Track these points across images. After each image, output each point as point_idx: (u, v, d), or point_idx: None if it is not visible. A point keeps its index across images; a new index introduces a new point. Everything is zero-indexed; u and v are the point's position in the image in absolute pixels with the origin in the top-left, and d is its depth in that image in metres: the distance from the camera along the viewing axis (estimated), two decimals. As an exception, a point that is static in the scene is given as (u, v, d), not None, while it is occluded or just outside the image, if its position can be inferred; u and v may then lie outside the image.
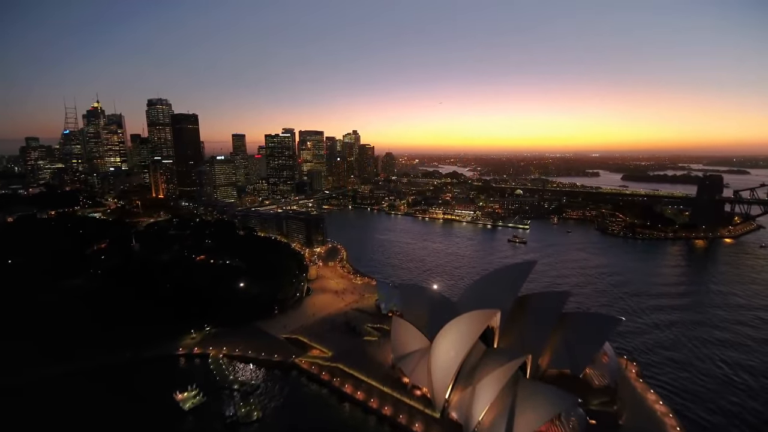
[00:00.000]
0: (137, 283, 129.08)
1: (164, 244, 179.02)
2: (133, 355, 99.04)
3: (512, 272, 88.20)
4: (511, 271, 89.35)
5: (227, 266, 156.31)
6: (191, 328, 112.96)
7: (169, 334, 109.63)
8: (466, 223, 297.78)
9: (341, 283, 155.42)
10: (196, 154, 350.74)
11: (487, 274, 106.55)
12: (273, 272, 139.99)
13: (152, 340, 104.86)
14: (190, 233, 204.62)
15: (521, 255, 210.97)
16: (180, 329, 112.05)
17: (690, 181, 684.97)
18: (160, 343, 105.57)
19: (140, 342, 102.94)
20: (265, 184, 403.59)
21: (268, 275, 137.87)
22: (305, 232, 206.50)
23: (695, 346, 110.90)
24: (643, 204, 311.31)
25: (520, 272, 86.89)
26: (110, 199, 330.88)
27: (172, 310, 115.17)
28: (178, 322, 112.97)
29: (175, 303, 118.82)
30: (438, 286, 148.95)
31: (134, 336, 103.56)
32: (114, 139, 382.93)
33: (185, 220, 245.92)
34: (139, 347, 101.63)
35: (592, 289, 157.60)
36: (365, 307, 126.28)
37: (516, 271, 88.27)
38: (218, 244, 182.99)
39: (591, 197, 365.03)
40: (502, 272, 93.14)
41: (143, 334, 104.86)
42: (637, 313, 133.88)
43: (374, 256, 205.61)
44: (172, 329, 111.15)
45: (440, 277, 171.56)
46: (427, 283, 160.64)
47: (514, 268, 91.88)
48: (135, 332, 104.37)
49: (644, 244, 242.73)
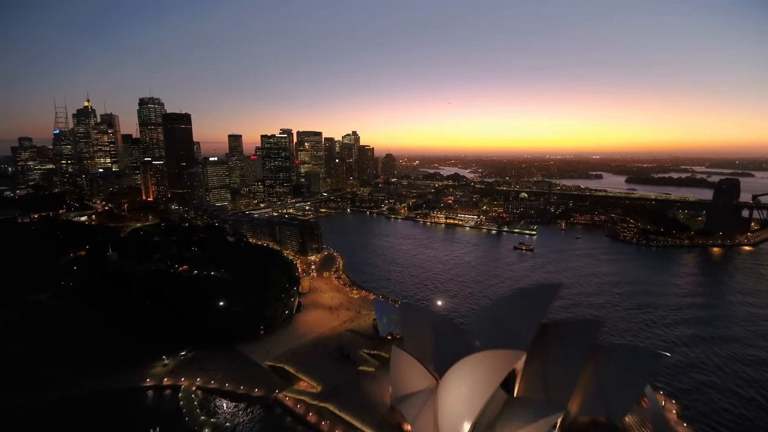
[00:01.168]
0: (107, 299, 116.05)
1: (146, 252, 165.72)
2: (88, 388, 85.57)
3: (533, 297, 74.71)
4: (531, 296, 75.79)
5: (211, 278, 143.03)
6: (164, 353, 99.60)
7: (138, 360, 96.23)
8: (469, 228, 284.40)
9: (336, 297, 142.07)
10: (188, 155, 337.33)
11: (502, 297, 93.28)
12: (261, 286, 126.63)
13: (116, 369, 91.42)
14: (176, 240, 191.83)
15: (528, 263, 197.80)
16: (151, 354, 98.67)
17: (696, 183, 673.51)
18: (125, 371, 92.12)
19: (101, 371, 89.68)
20: (261, 186, 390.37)
21: (255, 289, 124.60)
22: (299, 239, 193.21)
23: (730, 369, 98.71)
24: (655, 208, 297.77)
25: (542, 297, 73.46)
26: (98, 201, 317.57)
27: (144, 330, 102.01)
28: (150, 345, 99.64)
29: (147, 322, 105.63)
30: (442, 302, 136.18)
31: (94, 363, 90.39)
32: (104, 140, 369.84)
33: (173, 225, 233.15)
34: (99, 378, 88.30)
35: (608, 302, 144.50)
36: (361, 329, 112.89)
37: (538, 295, 74.76)
38: (204, 252, 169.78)
39: (598, 201, 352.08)
40: (521, 297, 79.58)
41: (107, 360, 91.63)
42: (660, 329, 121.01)
43: (373, 265, 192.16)
44: (142, 354, 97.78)
45: (444, 288, 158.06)
46: (430, 296, 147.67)
47: (535, 293, 78.34)
48: (96, 359, 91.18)
49: (658, 251, 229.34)
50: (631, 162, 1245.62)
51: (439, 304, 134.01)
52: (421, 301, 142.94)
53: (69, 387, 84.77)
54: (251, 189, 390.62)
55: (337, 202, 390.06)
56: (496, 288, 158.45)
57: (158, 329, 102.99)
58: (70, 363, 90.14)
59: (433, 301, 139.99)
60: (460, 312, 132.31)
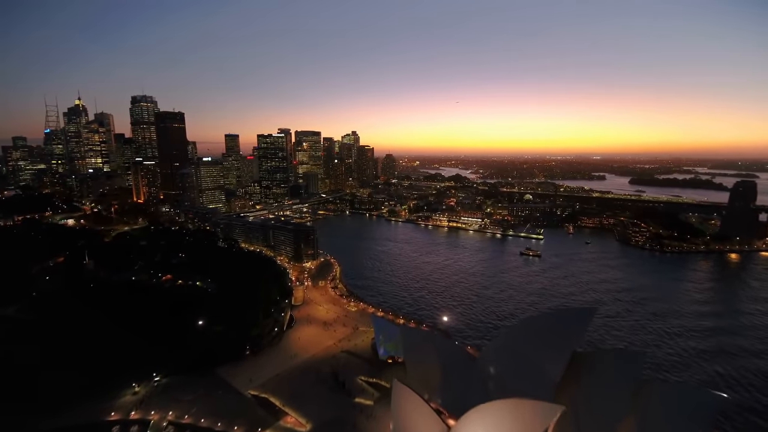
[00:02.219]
0: (77, 315, 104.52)
1: (128, 260, 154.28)
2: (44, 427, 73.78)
3: (562, 324, 62.78)
4: (560, 323, 63.80)
5: (195, 290, 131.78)
6: (134, 379, 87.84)
7: (106, 387, 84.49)
8: (473, 232, 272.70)
9: (332, 310, 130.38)
10: (182, 155, 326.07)
11: (524, 321, 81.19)
12: (249, 300, 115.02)
13: (80, 399, 79.73)
14: (163, 245, 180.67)
15: (537, 270, 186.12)
16: (119, 380, 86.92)
17: (702, 185, 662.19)
18: (90, 402, 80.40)
19: (62, 402, 78.03)
20: (258, 188, 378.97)
21: (242, 304, 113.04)
22: (293, 245, 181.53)
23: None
24: (667, 212, 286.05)
25: (574, 325, 61.61)
26: (87, 203, 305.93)
27: (115, 351, 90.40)
28: (119, 369, 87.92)
29: (119, 342, 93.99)
30: (447, 317, 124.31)
31: (56, 392, 78.81)
32: (95, 139, 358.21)
33: (162, 229, 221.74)
34: (58, 411, 76.61)
35: (626, 314, 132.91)
36: (359, 349, 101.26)
37: (568, 322, 62.82)
38: (191, 259, 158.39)
39: (605, 203, 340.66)
40: (547, 322, 67.48)
41: (70, 388, 79.93)
42: (690, 355, 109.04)
43: (372, 272, 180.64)
44: (112, 378, 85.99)
45: (448, 299, 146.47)
46: (433, 309, 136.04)
47: (564, 318, 66.28)
48: (58, 387, 79.59)
49: (672, 257, 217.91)
50: (631, 163, 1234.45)
51: (445, 319, 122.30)
52: (423, 315, 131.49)
53: (18, 427, 72.93)
54: (247, 190, 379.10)
55: (335, 204, 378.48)
56: (504, 299, 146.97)
57: (130, 350, 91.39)
58: (26, 395, 78.57)
59: (437, 316, 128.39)
60: (468, 329, 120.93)
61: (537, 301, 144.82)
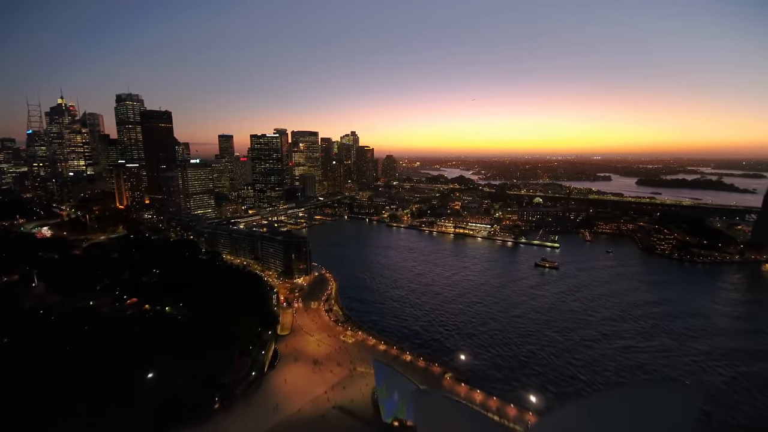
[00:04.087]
0: (9, 355, 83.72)
1: (90, 279, 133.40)
2: None
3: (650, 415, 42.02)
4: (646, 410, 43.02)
5: (163, 317, 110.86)
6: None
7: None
8: (481, 240, 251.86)
9: (325, 341, 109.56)
10: (169, 157, 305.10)
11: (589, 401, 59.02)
12: (225, 337, 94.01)
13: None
14: (137, 257, 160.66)
15: (556, 287, 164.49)
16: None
17: (713, 186, 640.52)
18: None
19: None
20: (251, 191, 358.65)
21: (215, 340, 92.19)
22: (283, 258, 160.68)
23: None
24: (689, 216, 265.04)
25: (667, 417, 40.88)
26: (66, 208, 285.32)
27: (44, 404, 69.78)
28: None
29: (53, 392, 73.32)
30: (465, 354, 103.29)
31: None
32: (77, 140, 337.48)
33: (140, 239, 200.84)
34: None
35: (679, 350, 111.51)
36: (356, 405, 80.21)
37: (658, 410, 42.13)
38: (166, 276, 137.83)
39: (620, 207, 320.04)
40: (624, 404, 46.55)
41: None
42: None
43: (371, 289, 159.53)
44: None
45: (458, 326, 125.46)
46: (444, 340, 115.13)
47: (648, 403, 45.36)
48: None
49: (705, 268, 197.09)
50: (633, 163, 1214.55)
51: (462, 358, 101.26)
52: (433, 348, 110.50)
53: None
54: (240, 194, 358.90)
55: (333, 208, 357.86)
56: (528, 328, 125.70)
57: (62, 404, 70.77)
58: None
59: (451, 352, 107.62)
60: (490, 369, 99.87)
61: (567, 331, 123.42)
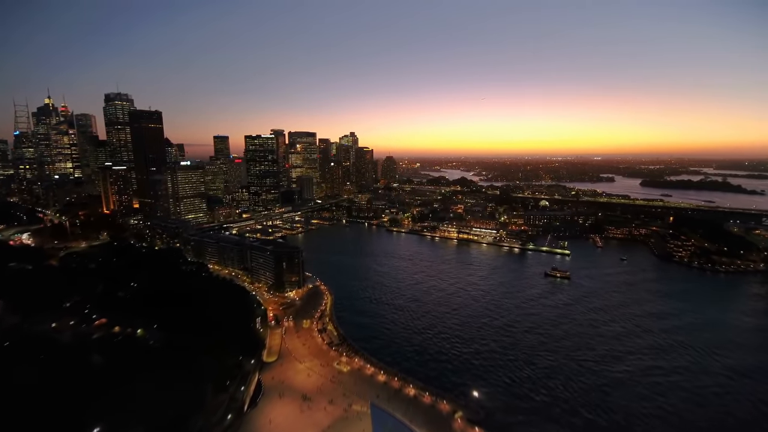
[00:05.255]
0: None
1: (61, 293, 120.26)
2: None
3: None
4: None
5: (132, 342, 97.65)
6: None
7: None
8: (486, 246, 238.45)
9: (316, 370, 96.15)
10: (159, 159, 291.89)
11: None
12: (200, 369, 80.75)
13: None
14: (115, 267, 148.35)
15: (570, 301, 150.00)
16: None
17: (720, 187, 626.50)
18: None
19: None
20: (246, 194, 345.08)
21: (187, 372, 78.97)
22: (274, 270, 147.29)
23: None
24: (704, 220, 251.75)
25: None
26: (51, 213, 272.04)
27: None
28: None
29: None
30: (479, 392, 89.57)
31: None
32: (64, 141, 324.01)
33: (123, 247, 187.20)
34: None
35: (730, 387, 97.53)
36: (349, 460, 67.14)
37: None
38: (142, 291, 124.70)
39: (631, 210, 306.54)
40: None
41: None
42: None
43: (371, 303, 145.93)
44: None
45: (471, 347, 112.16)
46: (455, 364, 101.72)
47: None
48: None
49: (728, 278, 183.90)
50: (634, 163, 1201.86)
51: (475, 395, 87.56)
52: (441, 381, 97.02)
53: None
54: (234, 197, 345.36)
55: (331, 212, 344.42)
56: (545, 352, 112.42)
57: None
58: None
59: (462, 384, 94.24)
60: (510, 412, 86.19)
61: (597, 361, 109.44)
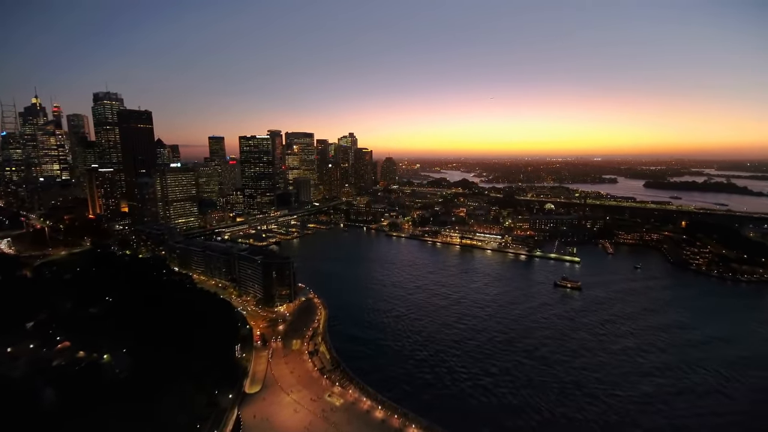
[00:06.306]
0: None
1: (26, 310, 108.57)
2: None
3: None
4: None
5: (96, 371, 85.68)
6: None
7: None
8: (491, 252, 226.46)
9: (304, 404, 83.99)
10: (149, 161, 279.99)
11: None
12: (166, 410, 68.87)
13: None
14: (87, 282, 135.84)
15: (583, 316, 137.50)
16: None
17: (726, 188, 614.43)
18: None
19: None
20: (241, 196, 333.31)
21: (151, 412, 67.14)
22: (263, 282, 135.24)
23: None
24: (719, 225, 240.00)
25: None
26: (35, 217, 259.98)
27: None
28: None
29: None
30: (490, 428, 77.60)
31: None
32: (51, 142, 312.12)
33: (103, 256, 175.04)
34: None
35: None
36: None
37: None
38: (116, 307, 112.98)
39: (641, 214, 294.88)
40: None
41: None
42: None
43: (369, 317, 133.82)
44: None
45: (472, 381, 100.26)
46: (464, 394, 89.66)
47: None
48: None
49: (750, 287, 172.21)
50: (634, 164, 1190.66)
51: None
52: (445, 408, 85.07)
53: None
54: (228, 200, 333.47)
55: (329, 216, 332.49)
56: (568, 379, 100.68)
57: None
58: None
59: (469, 412, 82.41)
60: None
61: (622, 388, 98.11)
